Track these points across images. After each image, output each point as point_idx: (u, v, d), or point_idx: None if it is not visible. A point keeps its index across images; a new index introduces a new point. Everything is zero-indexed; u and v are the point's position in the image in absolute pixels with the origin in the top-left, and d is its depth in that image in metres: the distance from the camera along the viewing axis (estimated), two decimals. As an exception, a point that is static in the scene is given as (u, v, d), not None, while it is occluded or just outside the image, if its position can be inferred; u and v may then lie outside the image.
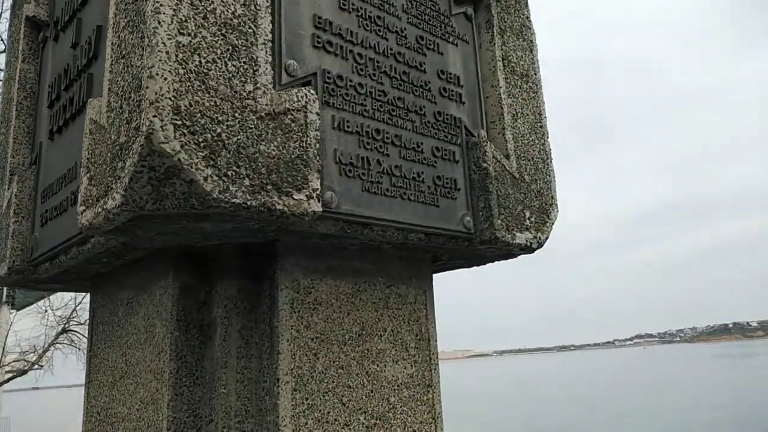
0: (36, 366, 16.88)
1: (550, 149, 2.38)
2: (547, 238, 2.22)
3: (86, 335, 2.99)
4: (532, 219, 2.17)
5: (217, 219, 1.38)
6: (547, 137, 2.39)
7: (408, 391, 1.91)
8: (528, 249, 2.14)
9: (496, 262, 2.35)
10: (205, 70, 1.33)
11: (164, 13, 1.29)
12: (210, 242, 1.63)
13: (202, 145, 1.29)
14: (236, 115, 1.36)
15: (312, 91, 1.54)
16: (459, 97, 2.11)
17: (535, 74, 2.43)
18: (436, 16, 2.12)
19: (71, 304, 16.74)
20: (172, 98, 1.26)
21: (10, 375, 16.38)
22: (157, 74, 1.25)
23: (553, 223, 2.27)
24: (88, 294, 2.23)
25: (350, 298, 1.83)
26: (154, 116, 1.23)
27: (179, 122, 1.26)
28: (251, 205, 1.35)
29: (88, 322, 2.32)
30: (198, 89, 1.31)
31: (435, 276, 2.24)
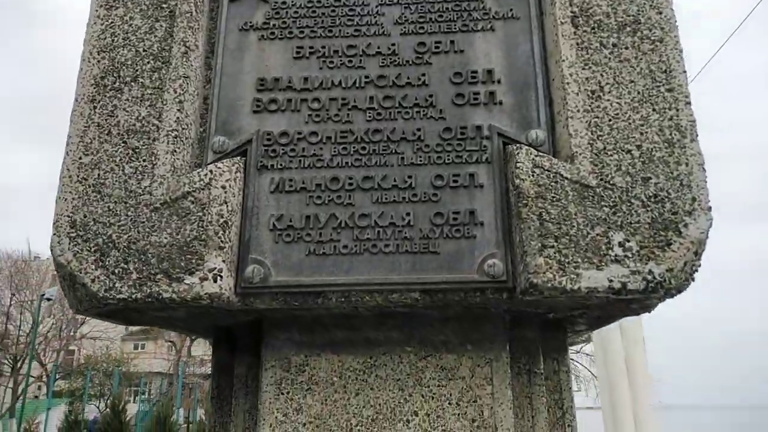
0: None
1: (691, 122, 1.46)
2: (674, 269, 1.34)
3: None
4: (630, 244, 1.37)
5: (138, 310, 1.47)
6: (684, 103, 1.48)
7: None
8: (628, 294, 1.34)
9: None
10: (102, 181, 1.48)
11: (72, 143, 1.52)
12: (220, 323, 1.70)
13: (93, 249, 1.42)
14: (129, 213, 1.45)
15: (220, 165, 1.48)
16: (491, 97, 1.57)
17: (659, 13, 1.56)
18: (453, 7, 1.67)
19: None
20: (70, 215, 1.45)
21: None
22: (59, 197, 1.47)
23: (696, 242, 1.37)
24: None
25: (360, 375, 1.56)
26: (54, 234, 1.45)
27: (74, 234, 1.44)
28: (138, 298, 1.38)
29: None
30: (94, 200, 1.46)
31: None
